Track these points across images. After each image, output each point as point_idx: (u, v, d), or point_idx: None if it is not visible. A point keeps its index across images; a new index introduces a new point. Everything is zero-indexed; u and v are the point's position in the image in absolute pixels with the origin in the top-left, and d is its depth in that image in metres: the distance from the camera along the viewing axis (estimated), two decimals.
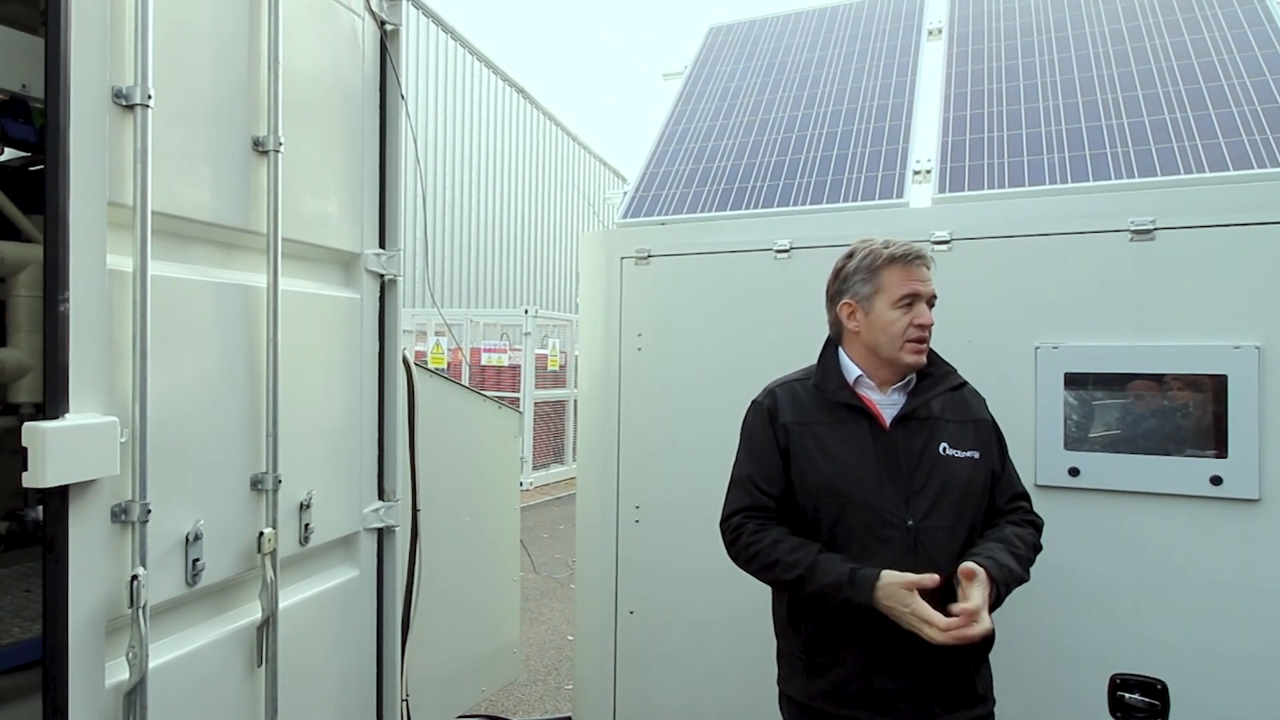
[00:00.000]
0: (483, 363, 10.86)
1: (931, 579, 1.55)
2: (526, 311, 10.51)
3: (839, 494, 1.69)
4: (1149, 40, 2.57)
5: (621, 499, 2.70)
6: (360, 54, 2.10)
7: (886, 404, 1.75)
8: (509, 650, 3.24)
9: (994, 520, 1.74)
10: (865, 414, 1.73)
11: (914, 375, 1.76)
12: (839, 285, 1.82)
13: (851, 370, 1.78)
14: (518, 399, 10.14)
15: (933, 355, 1.79)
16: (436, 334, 10.78)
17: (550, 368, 10.90)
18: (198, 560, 1.56)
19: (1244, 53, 2.38)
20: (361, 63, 2.11)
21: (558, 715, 3.64)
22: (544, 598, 5.69)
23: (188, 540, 1.54)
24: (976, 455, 1.71)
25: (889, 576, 1.57)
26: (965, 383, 1.80)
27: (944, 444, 1.70)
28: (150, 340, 1.41)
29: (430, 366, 2.98)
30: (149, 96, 1.40)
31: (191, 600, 1.59)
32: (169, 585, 1.50)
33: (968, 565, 1.58)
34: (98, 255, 1.33)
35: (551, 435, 11.09)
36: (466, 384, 3.23)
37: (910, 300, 1.71)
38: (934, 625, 1.52)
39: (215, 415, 1.62)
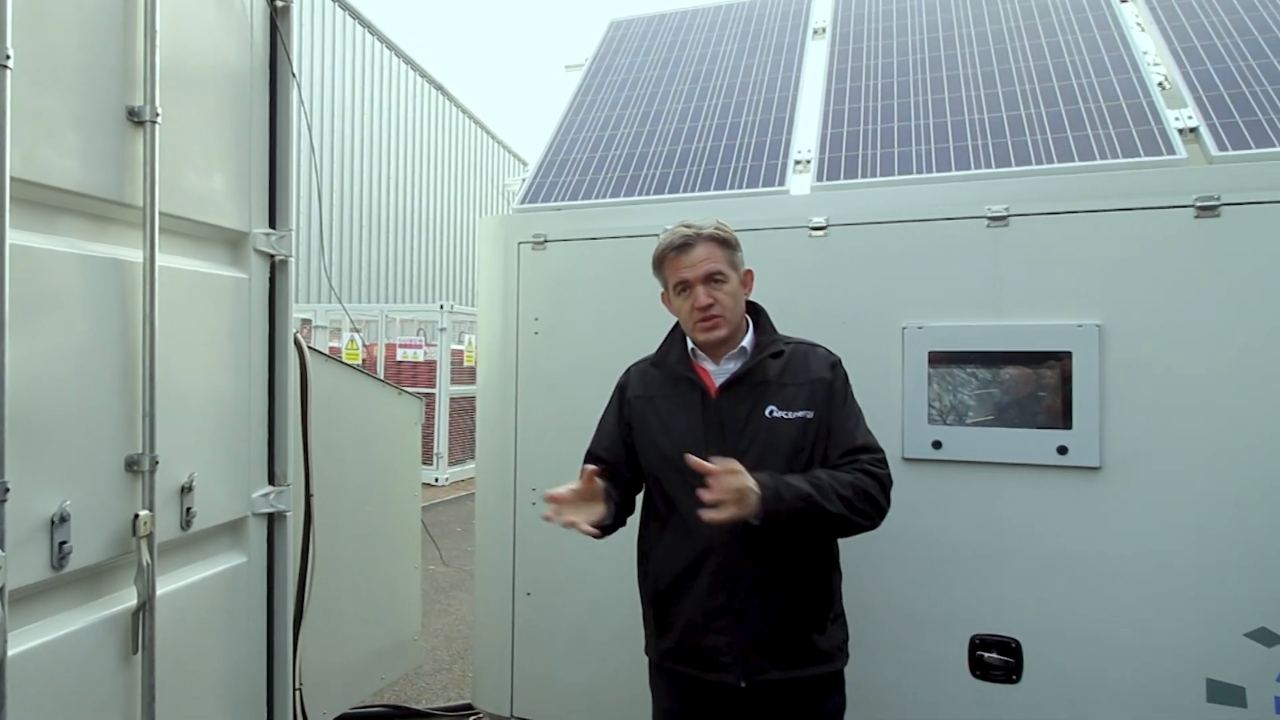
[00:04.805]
0: (398, 358, 10.66)
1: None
2: (442, 307, 10.39)
3: (670, 460, 1.80)
4: (1010, 42, 2.75)
5: (519, 483, 2.73)
6: (249, 29, 2.07)
7: (719, 373, 1.85)
8: (411, 639, 3.22)
9: None
10: (698, 385, 1.84)
11: (747, 345, 1.84)
12: None
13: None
14: (434, 394, 10.01)
15: (766, 325, 1.90)
16: (352, 329, 10.51)
17: (466, 363, 10.78)
18: (65, 543, 1.51)
19: (1093, 55, 2.57)
20: (250, 38, 2.08)
21: (459, 702, 3.64)
22: (453, 589, 5.64)
23: (53, 522, 1.49)
24: (809, 415, 1.77)
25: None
26: (784, 350, 1.84)
27: (771, 407, 1.77)
28: (9, 312, 1.36)
29: (345, 361, 2.92)
30: (7, 57, 1.35)
31: (58, 585, 1.54)
32: (32, 569, 1.45)
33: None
34: None
35: (467, 430, 10.97)
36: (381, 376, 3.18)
37: (683, 287, 1.83)
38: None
39: (85, 392, 1.57)
